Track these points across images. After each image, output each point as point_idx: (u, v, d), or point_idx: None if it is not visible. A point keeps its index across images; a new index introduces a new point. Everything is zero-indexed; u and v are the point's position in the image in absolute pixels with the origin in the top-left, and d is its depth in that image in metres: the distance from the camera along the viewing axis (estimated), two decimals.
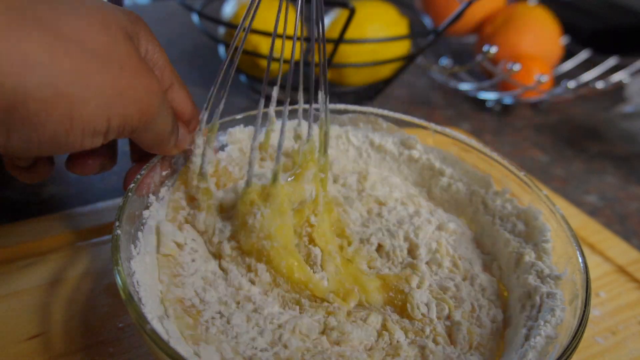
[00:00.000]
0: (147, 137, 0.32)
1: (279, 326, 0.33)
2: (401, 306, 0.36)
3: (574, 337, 0.30)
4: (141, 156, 0.37)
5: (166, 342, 0.26)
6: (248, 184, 0.36)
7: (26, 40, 0.25)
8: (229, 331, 0.32)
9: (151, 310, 0.30)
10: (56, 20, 0.26)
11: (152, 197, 0.37)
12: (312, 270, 0.36)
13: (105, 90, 0.27)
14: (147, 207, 0.36)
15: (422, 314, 0.35)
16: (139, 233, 0.35)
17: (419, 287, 0.37)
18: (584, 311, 0.31)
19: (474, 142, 0.45)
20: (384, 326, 0.35)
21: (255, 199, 0.35)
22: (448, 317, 0.36)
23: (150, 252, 0.35)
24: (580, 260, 0.35)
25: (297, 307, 0.35)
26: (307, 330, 0.33)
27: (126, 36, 0.30)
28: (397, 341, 0.34)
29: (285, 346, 0.32)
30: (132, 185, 0.34)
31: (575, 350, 0.29)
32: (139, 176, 0.35)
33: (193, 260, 0.36)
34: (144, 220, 0.36)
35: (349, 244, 0.40)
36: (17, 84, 0.24)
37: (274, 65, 0.68)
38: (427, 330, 0.34)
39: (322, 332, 0.34)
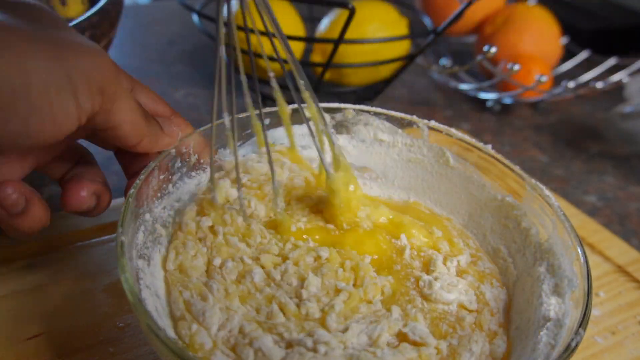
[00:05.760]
0: (123, 129, 0.32)
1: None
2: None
3: (574, 336, 0.30)
4: (135, 171, 0.37)
5: (182, 347, 0.26)
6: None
7: None
8: None
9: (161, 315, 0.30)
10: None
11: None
12: None
13: (46, 42, 0.27)
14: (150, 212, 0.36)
15: None
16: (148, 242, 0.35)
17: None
18: (585, 309, 0.31)
19: (473, 140, 0.45)
20: None
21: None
22: None
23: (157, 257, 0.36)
24: (580, 254, 0.35)
25: None
26: None
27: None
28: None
29: None
30: (132, 190, 0.34)
31: (575, 350, 0.29)
32: (138, 181, 0.35)
33: None
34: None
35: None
36: None
37: (274, 66, 0.68)
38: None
39: None
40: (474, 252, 0.42)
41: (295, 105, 0.40)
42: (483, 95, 0.82)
